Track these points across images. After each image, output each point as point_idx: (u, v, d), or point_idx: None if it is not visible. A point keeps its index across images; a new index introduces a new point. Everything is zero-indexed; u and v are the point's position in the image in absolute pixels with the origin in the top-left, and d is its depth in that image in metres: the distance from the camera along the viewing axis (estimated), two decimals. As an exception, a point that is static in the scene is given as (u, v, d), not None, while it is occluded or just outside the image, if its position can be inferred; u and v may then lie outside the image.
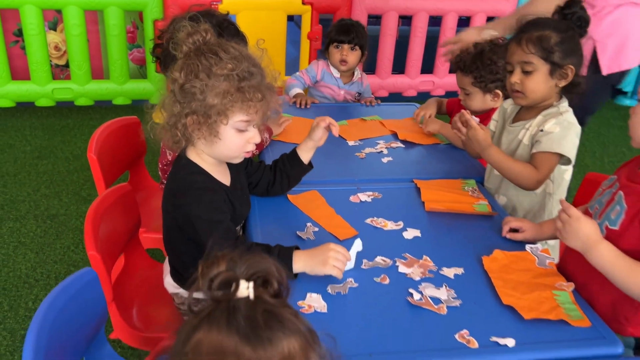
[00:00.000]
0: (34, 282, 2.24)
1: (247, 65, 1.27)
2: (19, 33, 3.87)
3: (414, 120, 2.30)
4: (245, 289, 0.70)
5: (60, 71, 4.04)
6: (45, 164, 3.19)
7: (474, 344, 1.14)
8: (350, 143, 2.10)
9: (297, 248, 1.32)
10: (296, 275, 1.30)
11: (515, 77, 1.65)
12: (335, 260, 1.27)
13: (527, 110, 1.74)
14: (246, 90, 1.25)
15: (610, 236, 1.28)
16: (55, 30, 3.94)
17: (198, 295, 0.73)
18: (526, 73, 1.64)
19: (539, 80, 1.63)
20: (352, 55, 2.59)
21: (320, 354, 0.72)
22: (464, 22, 4.34)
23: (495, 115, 1.89)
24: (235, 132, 1.31)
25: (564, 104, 1.69)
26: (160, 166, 2.02)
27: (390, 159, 1.99)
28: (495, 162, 1.66)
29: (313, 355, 0.71)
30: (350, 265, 1.34)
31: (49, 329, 1.11)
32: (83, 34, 3.66)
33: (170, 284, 1.55)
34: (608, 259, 1.21)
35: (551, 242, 1.68)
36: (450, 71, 2.18)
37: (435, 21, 4.30)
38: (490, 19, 4.13)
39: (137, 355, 1.89)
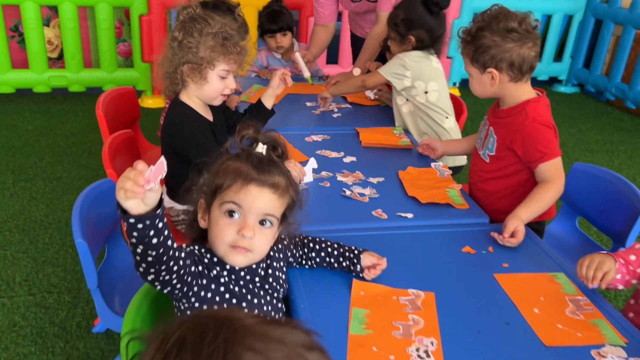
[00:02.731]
0: (48, 225, 2.69)
1: (228, 28, 1.77)
2: (15, 29, 4.30)
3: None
4: (261, 148, 1.18)
5: (54, 63, 4.47)
6: (46, 139, 3.64)
7: (384, 216, 1.65)
8: (308, 104, 2.61)
9: None
10: None
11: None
12: None
13: None
14: (228, 45, 1.75)
15: (491, 159, 1.80)
16: (48, 26, 4.38)
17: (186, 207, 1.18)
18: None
19: (394, 45, 2.32)
20: (285, 39, 3.04)
21: (297, 193, 1.19)
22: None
23: None
24: (218, 79, 1.80)
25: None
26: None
27: (339, 115, 2.51)
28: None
29: (291, 191, 1.18)
30: (309, 178, 1.83)
31: (86, 212, 1.58)
32: (76, 27, 4.12)
33: (167, 201, 2.03)
34: (528, 213, 1.61)
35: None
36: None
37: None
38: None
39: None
